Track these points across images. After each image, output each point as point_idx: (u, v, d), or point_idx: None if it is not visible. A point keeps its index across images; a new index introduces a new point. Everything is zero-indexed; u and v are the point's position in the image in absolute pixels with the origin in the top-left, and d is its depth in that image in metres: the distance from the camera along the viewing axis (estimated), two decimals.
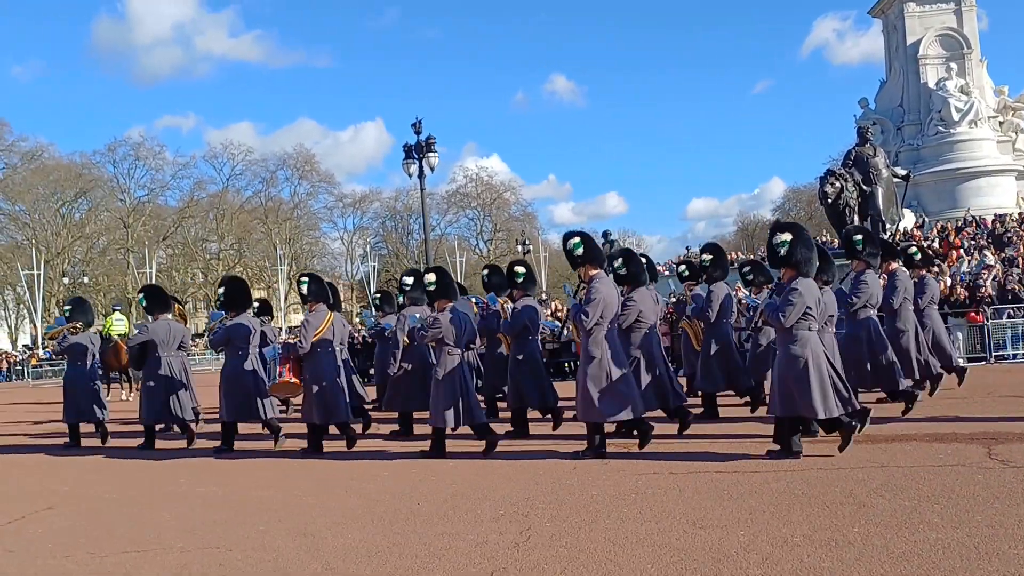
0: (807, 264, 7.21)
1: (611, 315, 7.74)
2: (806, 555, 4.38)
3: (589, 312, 7.57)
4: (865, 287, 9.44)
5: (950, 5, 35.14)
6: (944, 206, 32.26)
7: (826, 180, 20.70)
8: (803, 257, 7.19)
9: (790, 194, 71.00)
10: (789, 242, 7.19)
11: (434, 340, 8.29)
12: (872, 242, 9.94)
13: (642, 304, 8.70)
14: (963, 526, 4.72)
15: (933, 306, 11.32)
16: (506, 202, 65.88)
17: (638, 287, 8.80)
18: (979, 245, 23.65)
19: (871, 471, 6.42)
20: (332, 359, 9.18)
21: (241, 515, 6.31)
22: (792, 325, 7.01)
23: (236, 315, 9.86)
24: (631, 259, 8.97)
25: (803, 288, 7.03)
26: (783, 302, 7.07)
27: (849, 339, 9.42)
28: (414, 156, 23.19)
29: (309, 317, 9.13)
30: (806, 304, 6.98)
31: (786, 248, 7.19)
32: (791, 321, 6.99)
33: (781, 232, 7.33)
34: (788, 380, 7.05)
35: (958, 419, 8.67)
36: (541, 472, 7.25)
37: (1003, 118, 35.10)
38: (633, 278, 8.79)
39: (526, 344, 9.55)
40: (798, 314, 6.98)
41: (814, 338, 7.10)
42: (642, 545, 4.78)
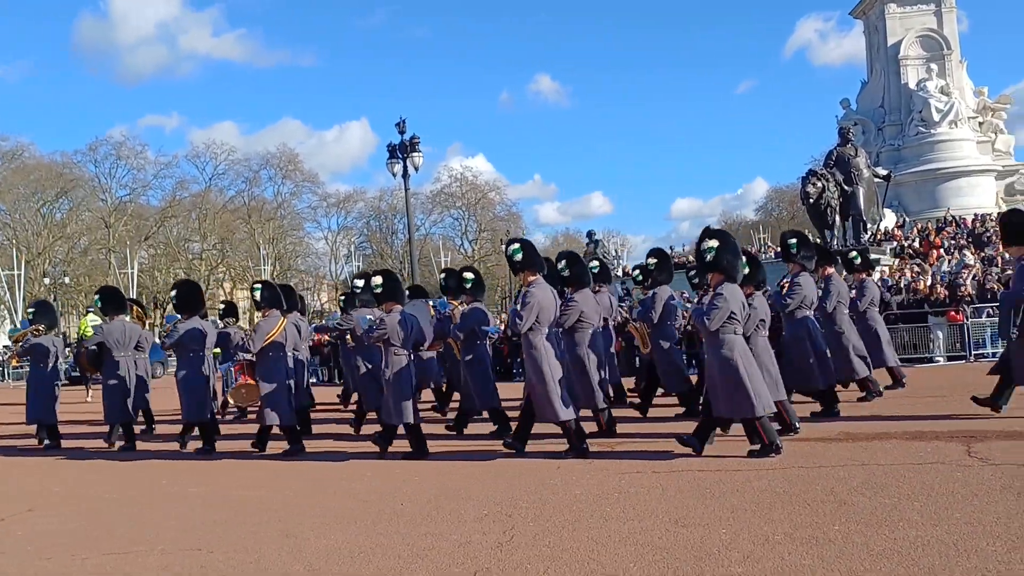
0: (733, 270, 7.45)
1: (548, 318, 7.96)
2: (787, 553, 4.42)
3: (523, 315, 7.79)
4: (799, 289, 9.66)
5: (930, 6, 35.45)
6: (925, 206, 32.54)
7: (808, 180, 20.88)
8: (729, 263, 7.43)
9: (773, 194, 71.33)
10: (716, 248, 7.43)
11: (380, 341, 8.52)
12: (807, 246, 10.22)
13: (584, 305, 8.91)
14: (942, 523, 4.77)
15: (873, 308, 11.78)
16: (491, 202, 65.86)
17: (581, 288, 9.05)
18: (959, 245, 23.85)
19: (852, 469, 6.47)
20: (282, 363, 9.39)
21: (224, 516, 6.28)
22: (718, 329, 7.23)
23: (189, 317, 10.15)
24: (574, 261, 9.24)
25: (728, 293, 7.27)
26: (709, 306, 7.30)
27: (791, 339, 9.72)
28: (398, 156, 23.15)
29: (261, 322, 9.50)
30: (731, 309, 7.22)
31: (713, 254, 7.42)
32: (716, 325, 7.21)
33: (709, 239, 7.55)
34: (726, 384, 7.23)
35: (937, 417, 8.76)
36: (524, 472, 7.26)
37: (983, 119, 35.45)
38: (576, 279, 9.05)
39: (474, 347, 9.73)
40: (723, 318, 7.20)
41: (740, 341, 7.36)
42: (625, 544, 4.80)
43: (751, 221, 69.07)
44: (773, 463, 6.90)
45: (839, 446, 7.55)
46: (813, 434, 8.22)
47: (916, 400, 10.32)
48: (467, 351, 9.75)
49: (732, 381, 7.19)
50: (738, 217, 76.76)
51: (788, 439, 7.79)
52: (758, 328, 8.19)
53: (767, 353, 8.28)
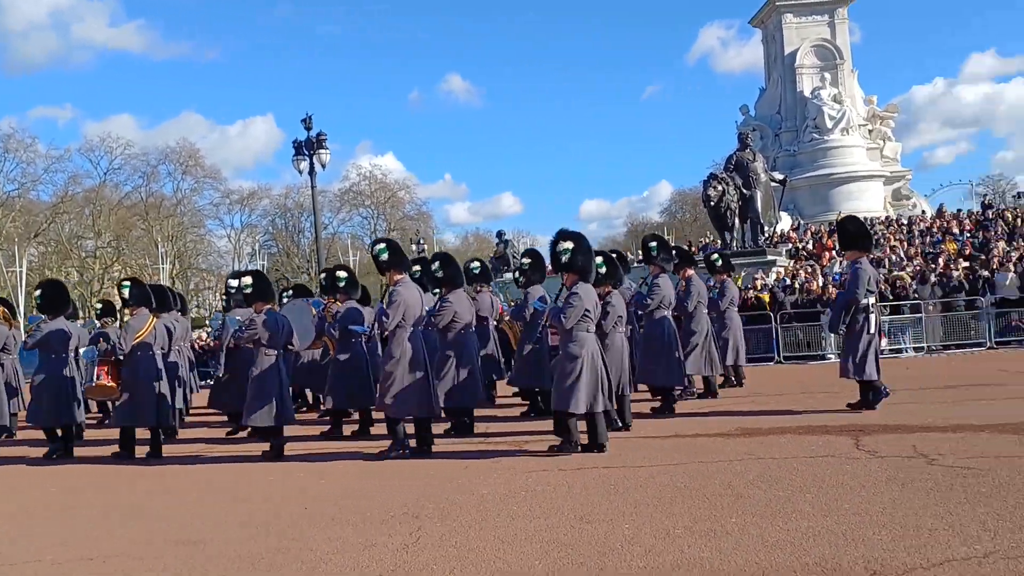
0: (587, 270, 7.76)
1: (413, 317, 8.07)
2: (687, 546, 4.54)
3: (390, 315, 7.91)
4: (659, 289, 10.10)
5: (824, 18, 37.02)
6: (818, 209, 33.92)
7: (709, 184, 21.43)
8: (583, 264, 7.73)
9: (677, 197, 73.05)
10: (571, 250, 7.71)
11: (250, 341, 8.52)
12: (666, 248, 10.80)
13: (457, 305, 9.19)
14: (832, 514, 4.99)
15: (733, 308, 12.47)
16: (400, 201, 65.25)
17: (455, 289, 9.30)
18: None
19: (749, 463, 6.70)
20: (151, 363, 9.15)
21: (120, 523, 6.03)
22: (572, 327, 7.49)
23: (54, 318, 9.89)
24: (447, 262, 9.47)
25: (582, 292, 7.58)
26: (564, 305, 7.59)
27: (647, 337, 10.15)
28: (304, 152, 22.67)
29: (131, 321, 9.30)
30: (584, 307, 7.51)
31: (568, 256, 7.71)
32: (571, 323, 7.50)
33: (564, 240, 7.83)
34: (564, 377, 7.50)
35: (829, 412, 9.15)
36: (432, 472, 7.24)
37: (872, 126, 37.20)
38: (450, 280, 9.33)
39: (348, 346, 9.71)
40: (577, 316, 7.49)
41: (591, 339, 7.64)
42: (531, 542, 4.83)
43: (656, 223, 70.60)
44: (675, 458, 7.08)
45: (736, 441, 7.80)
46: (712, 430, 8.48)
47: (809, 396, 10.77)
48: (341, 350, 9.76)
49: (568, 375, 7.46)
50: (644, 219, 78.33)
51: (689, 435, 8.04)
52: (616, 325, 8.56)
53: (623, 350, 8.64)
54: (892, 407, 9.31)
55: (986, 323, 17.03)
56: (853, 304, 9.22)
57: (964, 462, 6.13)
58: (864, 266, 9.42)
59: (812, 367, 15.92)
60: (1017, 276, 17.36)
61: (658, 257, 10.44)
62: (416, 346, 8.03)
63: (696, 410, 10.14)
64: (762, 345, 17.42)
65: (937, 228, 26.02)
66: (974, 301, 17.23)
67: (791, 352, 17.34)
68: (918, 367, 14.44)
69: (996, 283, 17.41)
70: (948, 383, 11.49)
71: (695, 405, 10.62)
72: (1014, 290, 17.15)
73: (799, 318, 17.57)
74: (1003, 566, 3.84)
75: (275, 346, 8.50)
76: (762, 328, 17.40)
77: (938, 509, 4.92)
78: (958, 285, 17.50)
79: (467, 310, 9.39)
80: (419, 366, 8.00)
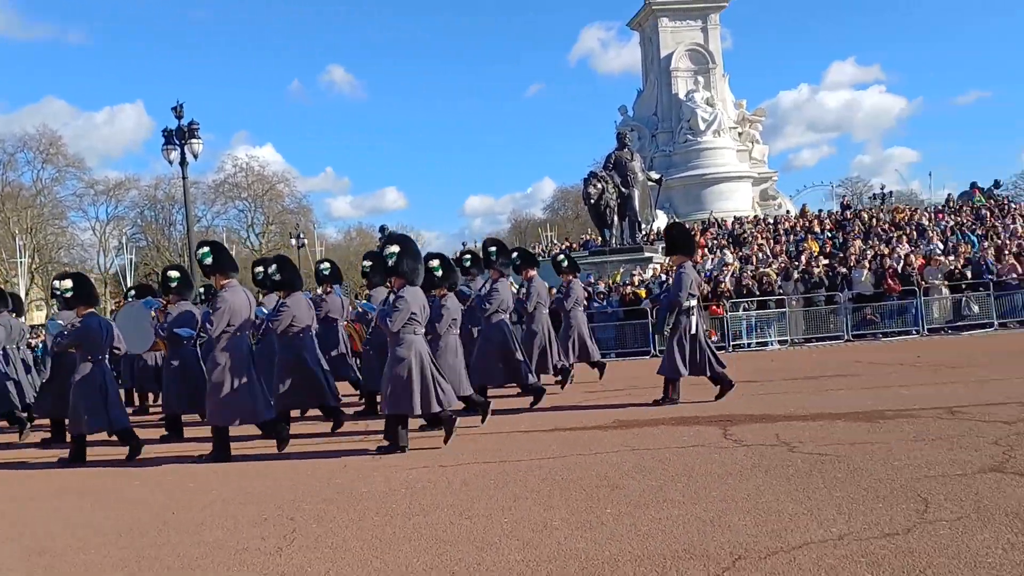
0: (413, 274, 7.85)
1: (240, 322, 7.93)
2: (563, 537, 4.61)
3: (214, 321, 7.77)
4: (497, 294, 10.30)
5: (698, 23, 38.44)
6: (692, 208, 35.23)
7: (589, 182, 21.88)
8: (409, 268, 7.81)
9: (559, 194, 74.27)
10: (397, 254, 7.80)
11: (72, 347, 8.40)
12: (505, 253, 11.08)
13: (296, 309, 9.10)
14: (701, 502, 5.18)
15: (579, 307, 12.73)
16: (279, 194, 63.45)
17: (293, 292, 9.22)
18: (720, 244, 26.03)
19: (624, 454, 6.88)
20: None
21: None
22: (399, 330, 7.56)
23: None
24: (284, 266, 9.41)
25: (409, 296, 7.65)
26: (391, 309, 7.65)
27: (484, 340, 10.36)
28: (175, 142, 21.73)
29: None
30: (411, 310, 7.59)
31: (394, 259, 7.80)
32: (398, 326, 7.56)
33: (390, 245, 7.95)
34: (394, 380, 7.56)
35: (700, 403, 9.49)
36: (309, 472, 7.08)
37: (742, 129, 38.91)
38: (288, 284, 9.26)
39: (179, 351, 9.59)
40: (404, 319, 7.56)
41: (419, 341, 7.72)
42: (409, 540, 4.80)
43: (539, 219, 71.62)
44: (553, 451, 7.18)
45: (613, 433, 7.99)
46: (590, 423, 8.66)
47: (681, 388, 11.13)
48: (172, 355, 9.60)
49: (400, 378, 7.50)
50: (527, 215, 79.33)
51: (568, 428, 8.19)
52: (450, 327, 8.73)
53: (456, 351, 8.82)
54: (758, 397, 9.78)
55: (844, 317, 18.11)
56: (676, 306, 9.55)
57: (822, 449, 6.48)
58: (687, 270, 9.76)
59: None
60: (872, 273, 18.54)
61: (497, 262, 10.67)
62: (242, 352, 7.89)
63: (577, 403, 10.32)
64: (639, 339, 17.96)
65: (800, 227, 27.45)
66: (833, 296, 18.30)
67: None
68: (782, 359, 15.19)
69: (853, 279, 18.53)
70: (809, 374, 12.13)
71: (572, 398, 10.81)
72: (868, 286, 18.30)
73: None
74: (856, 547, 4.09)
75: (95, 352, 8.28)
76: (639, 323, 17.92)
77: (798, 494, 5.18)
78: (819, 281, 18.53)
79: (306, 313, 9.29)
80: (243, 373, 7.84)
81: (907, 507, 4.69)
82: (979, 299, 18.06)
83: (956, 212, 28.90)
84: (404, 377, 7.48)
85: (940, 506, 4.65)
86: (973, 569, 3.65)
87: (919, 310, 17.90)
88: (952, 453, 5.97)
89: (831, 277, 18.78)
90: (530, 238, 60.41)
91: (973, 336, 17.02)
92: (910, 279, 18.10)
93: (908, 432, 6.89)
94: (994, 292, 17.91)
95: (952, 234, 24.01)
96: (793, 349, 17.40)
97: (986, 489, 4.93)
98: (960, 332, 17.62)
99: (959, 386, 9.49)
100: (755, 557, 4.04)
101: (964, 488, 4.99)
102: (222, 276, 8.11)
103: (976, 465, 5.56)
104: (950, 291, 18.29)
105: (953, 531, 4.20)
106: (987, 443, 6.21)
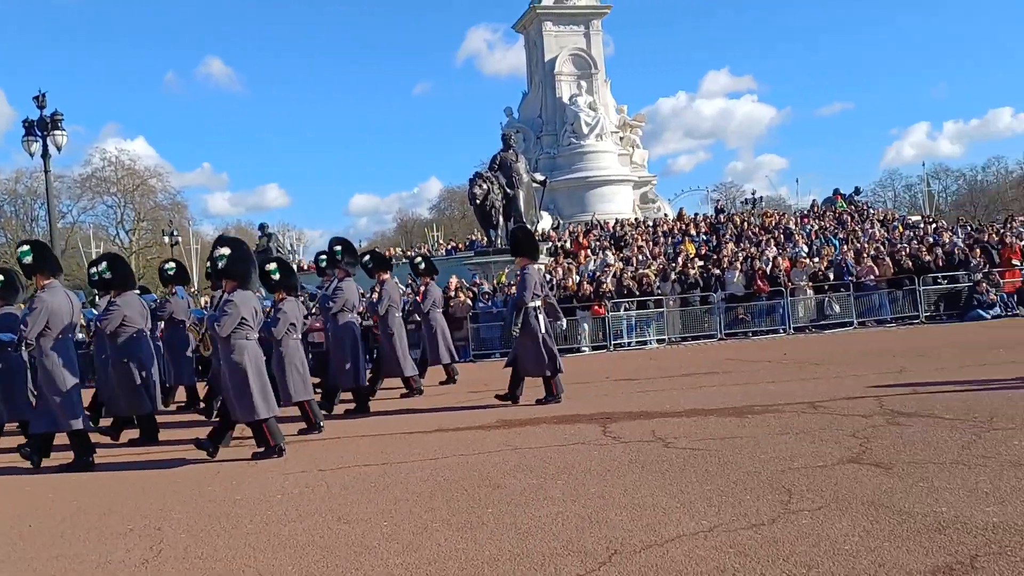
0: (245, 277, 7.70)
1: (61, 325, 7.61)
2: (443, 539, 4.59)
3: (29, 323, 7.47)
4: (342, 293, 10.32)
5: (581, 28, 39.12)
6: (575, 210, 35.82)
7: (475, 182, 21.91)
8: (241, 271, 7.66)
9: (446, 194, 74.12)
10: (228, 256, 7.64)
11: None
12: (351, 252, 11.06)
13: (127, 309, 8.79)
14: (580, 499, 5.26)
15: (437, 309, 12.93)
16: (152, 189, 60.55)
17: (124, 292, 8.91)
18: (603, 246, 26.59)
19: (506, 454, 6.92)
20: None
21: None
22: (230, 335, 7.41)
23: None
24: (115, 264, 9.13)
25: (238, 300, 7.48)
26: (220, 313, 7.50)
27: (334, 341, 10.37)
28: (36, 133, 20.40)
29: None
30: (241, 315, 7.43)
31: (224, 262, 7.62)
32: (227, 331, 7.40)
33: (221, 247, 7.79)
34: (233, 390, 7.43)
35: (580, 402, 9.67)
36: (180, 480, 6.80)
37: (623, 134, 39.85)
38: (120, 283, 8.92)
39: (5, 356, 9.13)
40: (233, 324, 7.39)
41: (251, 346, 7.56)
42: (284, 547, 4.67)
43: (426, 219, 71.25)
44: (436, 452, 7.15)
45: (496, 433, 8.03)
46: (474, 423, 8.68)
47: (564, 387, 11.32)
48: None
49: (239, 386, 7.37)
50: (414, 215, 78.85)
51: (452, 429, 8.18)
52: (289, 331, 8.63)
53: (298, 355, 8.75)
54: (637, 395, 10.04)
55: (717, 317, 18.85)
56: (522, 306, 9.73)
57: (695, 444, 6.72)
58: (531, 272, 9.97)
59: (569, 359, 16.75)
60: (743, 275, 19.37)
61: (343, 261, 10.59)
62: (62, 356, 7.53)
63: (461, 403, 10.32)
64: None
65: (678, 230, 28.37)
66: (707, 297, 19.01)
67: None
68: (660, 357, 15.68)
69: (726, 281, 19.31)
70: (685, 372, 12.56)
71: (456, 399, 10.81)
72: (740, 287, 19.12)
73: None
74: (724, 538, 4.24)
75: None
76: None
77: (672, 489, 5.34)
78: (694, 282, 19.21)
79: (139, 313, 8.92)
80: (59, 378, 7.47)
81: (772, 498, 4.91)
82: (840, 299, 19.16)
83: (820, 217, 30.55)
84: (243, 384, 7.31)
85: (803, 496, 4.90)
86: (832, 556, 3.85)
87: (786, 310, 18.84)
88: (814, 446, 6.30)
89: (706, 278, 19.50)
90: (416, 238, 60.05)
91: (835, 334, 18.03)
92: (778, 280, 19.04)
93: (774, 426, 7.22)
94: (854, 293, 19.06)
95: (816, 238, 25.39)
96: (671, 347, 17.98)
97: (845, 479, 5.22)
98: (823, 331, 18.63)
99: (821, 382, 10.02)
100: (630, 551, 4.14)
101: (825, 479, 5.26)
102: (43, 276, 7.70)
103: (836, 457, 5.88)
104: (814, 292, 19.34)
105: (814, 520, 4.42)
106: (846, 436, 6.58)
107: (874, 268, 19.45)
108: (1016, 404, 7.35)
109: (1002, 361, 10.61)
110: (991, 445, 5.86)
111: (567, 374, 12.15)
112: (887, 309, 19.22)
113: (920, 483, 4.98)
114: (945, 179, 68.58)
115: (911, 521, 4.25)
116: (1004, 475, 5.02)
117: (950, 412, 7.20)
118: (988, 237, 22.63)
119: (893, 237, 24.76)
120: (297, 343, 8.84)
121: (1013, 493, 4.62)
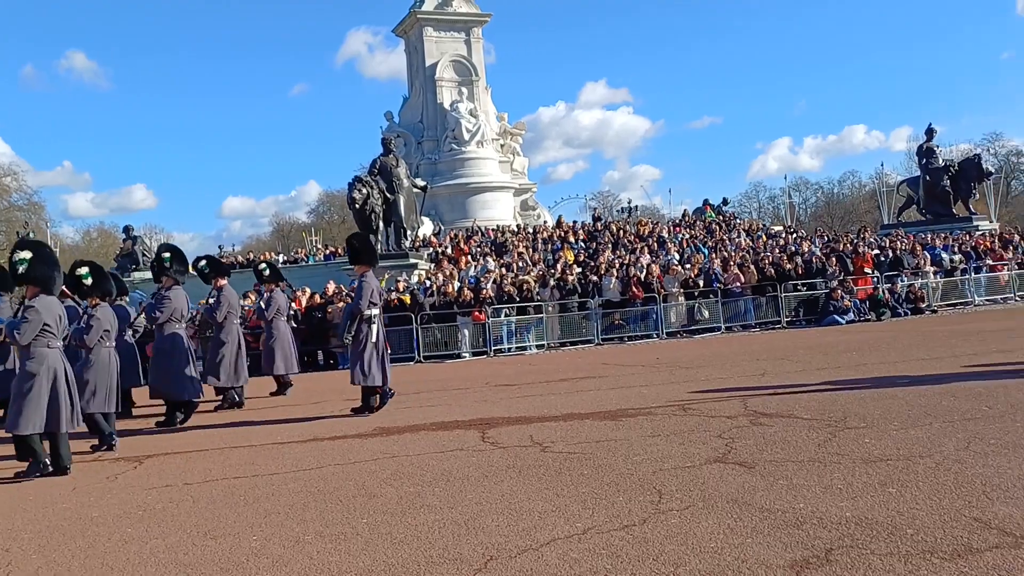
0: (49, 282, 7.40)
1: None
2: (316, 552, 4.47)
3: None
4: (169, 302, 10.08)
5: (461, 35, 39.23)
6: (457, 216, 35.85)
7: (354, 186, 21.59)
8: (44, 275, 7.37)
9: (325, 198, 72.77)
10: (29, 260, 7.33)
11: None
12: (180, 260, 10.66)
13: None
14: (457, 506, 5.24)
15: (281, 317, 12.79)
16: (6, 189, 56.70)
17: None
18: (483, 252, 26.71)
19: (383, 462, 6.82)
20: None
21: None
22: (31, 343, 7.11)
23: None
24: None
25: (41, 306, 7.18)
26: (20, 320, 7.19)
27: (157, 352, 10.13)
28: None
29: None
30: (43, 321, 7.12)
31: (25, 266, 7.31)
32: (27, 339, 7.09)
33: (21, 250, 7.47)
34: (20, 397, 7.09)
35: (460, 408, 9.66)
36: (30, 496, 6.36)
37: (504, 141, 40.20)
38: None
39: None
40: (35, 331, 7.09)
41: (52, 355, 7.23)
42: (145, 565, 4.43)
43: (304, 223, 69.66)
44: (310, 462, 6.98)
45: (374, 441, 7.91)
46: (350, 431, 8.53)
47: (444, 393, 11.28)
48: None
49: (23, 395, 7.03)
50: (291, 219, 76.92)
51: (327, 438, 8.01)
52: (103, 339, 8.28)
53: (109, 364, 8.41)
54: (516, 400, 10.12)
55: (595, 322, 19.27)
56: (358, 314, 9.71)
57: (571, 448, 6.82)
58: (369, 280, 9.96)
59: (448, 365, 16.75)
60: (619, 281, 19.88)
61: (171, 268, 10.23)
62: None
63: (337, 412, 10.11)
64: (404, 345, 17.98)
65: (557, 237, 28.85)
66: (585, 303, 19.41)
67: (430, 352, 18.10)
68: (540, 362, 15.87)
69: (603, 287, 19.77)
70: (563, 376, 12.75)
71: (329, 407, 10.59)
72: (616, 293, 19.62)
73: (437, 319, 18.41)
74: (598, 539, 4.32)
75: None
76: (403, 329, 17.94)
77: (548, 492, 5.40)
78: (573, 288, 19.57)
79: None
80: None
81: (644, 499, 5.04)
82: (709, 305, 19.98)
83: (691, 226, 31.73)
84: (28, 394, 6.93)
85: (672, 496, 5.05)
86: (699, 554, 3.98)
87: (659, 315, 19.47)
88: (683, 447, 6.51)
89: (583, 284, 19.90)
90: (293, 242, 58.61)
91: (704, 339, 18.76)
92: (651, 287, 19.65)
93: (647, 429, 7.43)
94: (721, 299, 19.91)
95: (687, 246, 26.36)
96: (550, 352, 18.23)
97: (711, 479, 5.42)
98: (693, 335, 19.36)
99: (691, 384, 10.39)
100: (506, 557, 4.15)
101: (692, 479, 5.45)
102: None
103: (703, 457, 6.10)
104: (685, 298, 20.06)
105: (682, 519, 4.56)
106: (712, 436, 6.84)
107: (740, 276, 20.36)
108: (867, 404, 7.84)
109: (855, 363, 11.30)
110: (844, 443, 6.21)
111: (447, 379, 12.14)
112: (752, 314, 20.18)
113: (780, 481, 5.23)
114: (805, 191, 72.67)
115: (772, 517, 4.46)
116: (856, 472, 5.34)
117: (808, 412, 7.60)
118: (843, 246, 24.15)
119: (757, 246, 26.03)
120: (110, 351, 8.36)
121: (864, 489, 4.92)
